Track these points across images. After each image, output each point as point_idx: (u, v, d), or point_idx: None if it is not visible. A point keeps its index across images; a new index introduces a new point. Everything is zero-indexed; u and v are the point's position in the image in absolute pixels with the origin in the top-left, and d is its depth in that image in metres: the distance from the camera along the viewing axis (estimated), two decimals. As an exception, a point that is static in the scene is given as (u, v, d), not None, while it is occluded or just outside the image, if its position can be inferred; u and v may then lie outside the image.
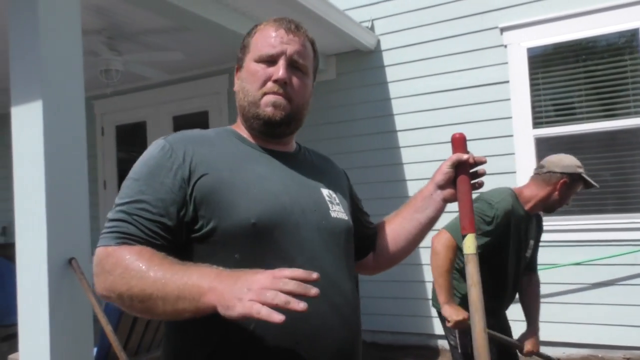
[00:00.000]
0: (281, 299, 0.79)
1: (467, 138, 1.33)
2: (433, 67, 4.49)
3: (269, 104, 1.14)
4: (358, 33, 4.45)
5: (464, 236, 1.21)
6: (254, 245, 1.03)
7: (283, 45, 1.15)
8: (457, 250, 2.23)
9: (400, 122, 4.63)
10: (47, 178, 2.25)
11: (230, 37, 3.83)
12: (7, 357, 3.80)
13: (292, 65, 1.16)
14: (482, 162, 1.27)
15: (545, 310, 2.87)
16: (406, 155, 4.59)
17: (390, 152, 4.64)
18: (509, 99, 4.21)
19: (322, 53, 4.85)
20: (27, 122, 2.27)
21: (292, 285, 0.81)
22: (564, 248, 4.01)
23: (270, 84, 1.14)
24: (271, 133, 1.18)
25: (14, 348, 3.93)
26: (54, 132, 2.27)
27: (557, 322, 3.93)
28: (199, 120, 5.44)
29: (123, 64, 4.39)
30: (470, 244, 1.20)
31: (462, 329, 2.21)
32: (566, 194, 2.37)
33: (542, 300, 2.63)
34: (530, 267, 2.56)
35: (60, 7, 2.37)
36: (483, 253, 2.25)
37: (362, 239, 1.37)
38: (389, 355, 4.36)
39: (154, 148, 1.10)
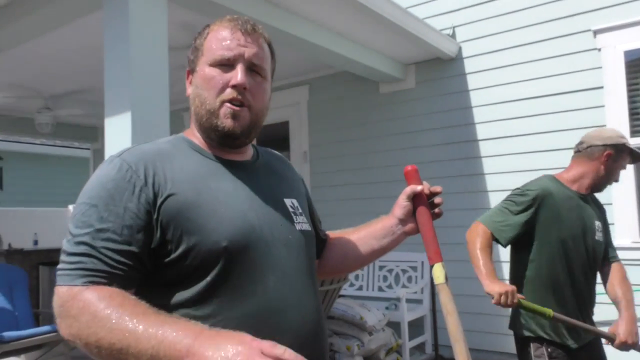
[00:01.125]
0: None
1: (558, 147, 1.25)
2: (519, 74, 4.30)
3: (227, 115, 1.06)
4: (438, 41, 4.36)
5: (431, 266, 1.18)
6: (226, 268, 0.98)
7: (240, 47, 1.07)
8: (493, 240, 2.15)
9: (482, 131, 4.46)
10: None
11: (310, 49, 3.89)
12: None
13: (250, 69, 1.08)
14: (437, 193, 1.25)
15: None
16: (488, 165, 4.41)
17: (471, 161, 4.49)
18: (602, 106, 3.93)
19: (401, 62, 4.80)
20: (118, 131, 2.41)
21: None
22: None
23: (228, 90, 1.06)
24: (230, 144, 1.11)
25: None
26: (141, 141, 2.40)
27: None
28: (281, 131, 5.57)
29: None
30: (439, 274, 1.16)
31: (509, 306, 2.00)
32: (613, 168, 2.19)
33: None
34: (608, 255, 2.31)
35: (148, 25, 2.51)
36: (534, 242, 2.13)
37: None
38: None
39: (110, 168, 0.99)
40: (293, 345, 0.99)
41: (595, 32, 3.97)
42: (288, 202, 1.18)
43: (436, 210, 1.27)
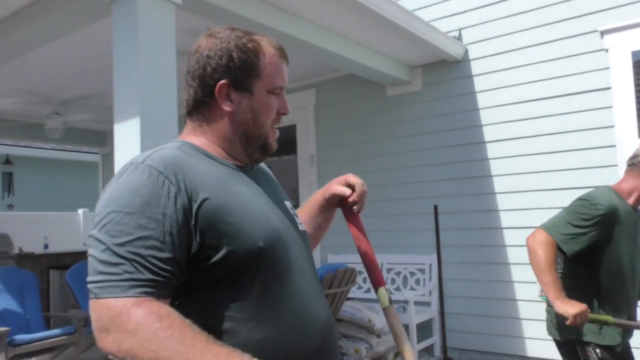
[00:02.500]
0: None
1: (565, 149, 1.27)
2: (526, 75, 4.29)
3: (275, 138, 1.17)
4: (445, 43, 4.37)
5: (376, 291, 1.22)
6: (262, 268, 1.01)
7: (286, 77, 1.17)
8: (557, 249, 2.11)
9: (489, 133, 4.45)
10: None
11: (317, 52, 3.91)
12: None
13: None
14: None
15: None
16: (495, 167, 4.41)
17: (478, 163, 4.48)
18: (610, 107, 3.92)
19: (408, 65, 4.80)
20: (127, 136, 2.44)
21: None
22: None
23: (277, 118, 1.16)
24: (261, 160, 1.21)
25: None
26: (150, 146, 2.42)
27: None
28: (288, 134, 5.59)
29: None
30: (383, 298, 1.20)
31: (582, 323, 2.02)
32: None
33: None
34: None
35: (157, 31, 2.53)
36: (601, 258, 2.13)
37: None
38: (478, 377, 4.17)
39: (138, 174, 0.97)
40: (321, 338, 1.06)
41: (603, 33, 3.96)
42: (287, 204, 1.23)
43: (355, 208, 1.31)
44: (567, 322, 2.00)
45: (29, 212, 9.52)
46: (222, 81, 1.09)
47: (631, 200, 2.23)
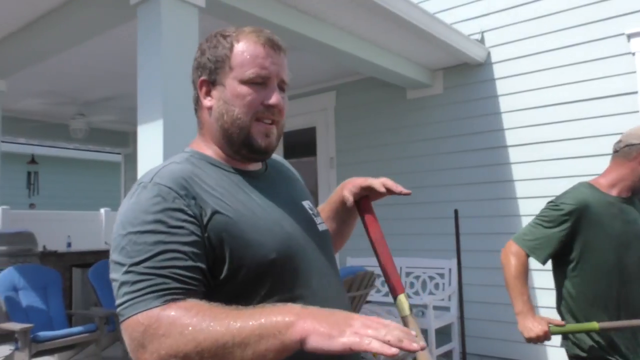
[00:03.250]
0: (395, 335, 0.77)
1: (590, 153, 1.23)
2: (550, 79, 4.23)
3: (261, 134, 1.08)
4: (467, 46, 4.33)
5: (395, 298, 1.17)
6: (276, 278, 1.00)
7: (273, 66, 1.08)
8: (526, 258, 2.04)
9: (511, 137, 4.40)
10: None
11: (338, 55, 3.91)
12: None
13: (279, 87, 1.10)
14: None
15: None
16: (517, 172, 4.35)
17: (500, 168, 4.43)
18: (637, 111, 3.84)
19: (429, 68, 4.78)
20: (150, 138, 2.47)
21: (397, 334, 0.78)
22: None
23: (262, 110, 1.07)
24: (258, 160, 1.15)
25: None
26: (172, 147, 2.44)
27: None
28: (307, 136, 5.60)
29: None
30: (404, 306, 1.15)
31: (541, 341, 1.94)
32: None
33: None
34: None
35: (180, 33, 2.57)
36: (575, 256, 2.00)
37: None
38: (498, 384, 4.11)
39: (148, 193, 0.96)
40: None
41: (629, 36, 3.89)
42: (305, 204, 1.20)
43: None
44: (525, 339, 1.95)
45: (53, 211, 9.70)
46: (202, 78, 1.11)
47: (616, 191, 2.07)
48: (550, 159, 4.18)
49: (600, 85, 4.00)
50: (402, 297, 1.16)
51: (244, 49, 1.08)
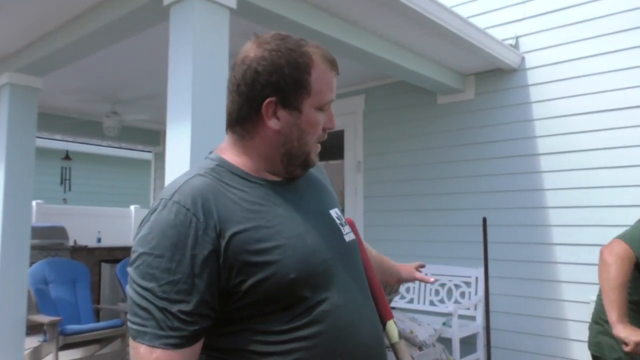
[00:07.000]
0: None
1: (626, 164, 1.19)
2: (587, 86, 4.12)
3: (317, 152, 1.13)
4: (500, 51, 4.25)
5: (384, 325, 1.19)
6: (296, 297, 0.99)
7: (335, 89, 1.11)
8: (634, 265, 1.94)
9: (544, 145, 4.30)
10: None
11: (368, 59, 3.88)
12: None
13: None
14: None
15: None
16: (549, 180, 4.24)
17: (532, 176, 4.33)
18: (677, 122, 3.71)
19: (460, 73, 4.71)
20: (178, 137, 2.49)
21: None
22: None
23: (322, 134, 1.12)
24: (297, 176, 1.15)
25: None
26: (199, 148, 2.46)
27: None
28: (335, 140, 5.58)
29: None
30: (393, 332, 1.17)
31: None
32: None
33: None
34: None
35: (211, 35, 2.58)
36: None
37: None
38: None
39: (167, 214, 0.96)
40: (364, 356, 1.04)
41: (671, 44, 3.75)
42: (333, 213, 1.18)
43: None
44: (626, 349, 1.88)
45: (85, 206, 9.92)
46: (270, 98, 1.05)
47: None
48: (582, 169, 4.06)
49: (637, 94, 3.87)
50: (391, 324, 1.17)
51: (320, 75, 1.07)
